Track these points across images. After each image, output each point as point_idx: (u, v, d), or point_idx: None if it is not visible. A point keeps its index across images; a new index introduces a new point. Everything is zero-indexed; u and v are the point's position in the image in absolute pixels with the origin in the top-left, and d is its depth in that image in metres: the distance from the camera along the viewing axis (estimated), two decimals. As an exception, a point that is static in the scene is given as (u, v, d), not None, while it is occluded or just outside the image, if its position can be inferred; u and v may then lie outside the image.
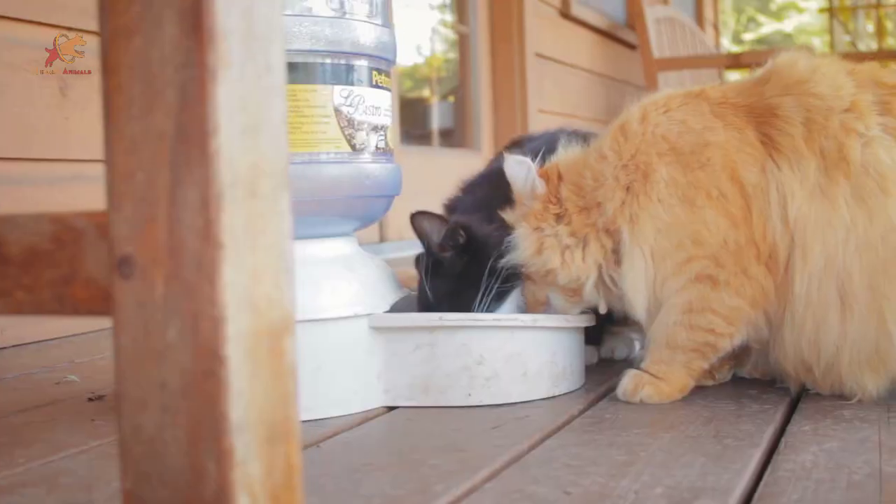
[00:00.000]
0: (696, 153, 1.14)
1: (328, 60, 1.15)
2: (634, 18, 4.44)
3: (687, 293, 1.13)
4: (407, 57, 3.78)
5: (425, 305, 1.27)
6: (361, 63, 1.19)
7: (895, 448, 0.95)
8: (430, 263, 1.26)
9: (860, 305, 1.07)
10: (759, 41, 13.05)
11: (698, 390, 1.21)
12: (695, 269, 1.13)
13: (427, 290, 1.26)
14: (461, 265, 1.25)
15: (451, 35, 3.90)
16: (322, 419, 1.15)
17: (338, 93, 1.15)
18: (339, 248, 1.21)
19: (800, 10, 12.71)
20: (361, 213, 1.23)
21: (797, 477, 0.87)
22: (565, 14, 4.14)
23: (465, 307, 1.23)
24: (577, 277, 1.18)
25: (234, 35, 0.59)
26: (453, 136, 3.86)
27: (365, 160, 1.19)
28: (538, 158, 1.25)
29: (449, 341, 1.18)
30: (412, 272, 1.46)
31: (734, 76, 5.87)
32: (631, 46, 4.85)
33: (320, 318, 1.14)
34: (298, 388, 0.65)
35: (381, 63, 1.23)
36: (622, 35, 4.80)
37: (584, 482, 0.87)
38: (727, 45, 13.14)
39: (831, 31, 8.70)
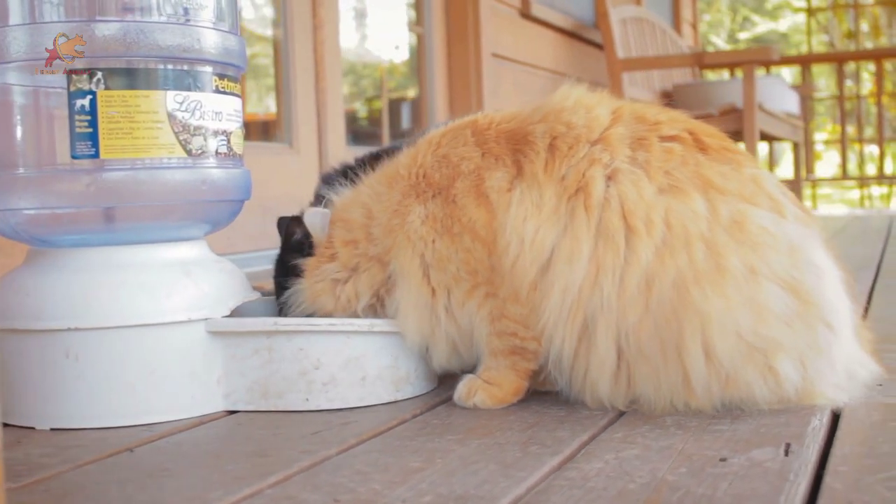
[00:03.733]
0: (450, 186, 1.15)
1: (162, 66, 1.15)
2: (599, 18, 4.43)
3: (485, 308, 1.15)
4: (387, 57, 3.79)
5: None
6: (201, 69, 1.19)
7: (692, 456, 0.94)
8: (280, 265, 1.27)
9: (657, 361, 1.06)
10: (755, 40, 13.01)
11: (537, 396, 1.20)
12: (481, 291, 1.14)
13: (277, 293, 1.27)
14: None
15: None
16: (156, 423, 1.15)
17: (172, 98, 1.15)
18: (179, 253, 1.21)
19: (794, 10, 12.67)
20: (204, 217, 1.23)
21: (572, 485, 0.87)
22: (525, 14, 4.14)
23: None
24: (348, 305, 1.20)
25: None
26: (411, 137, 3.86)
27: (203, 165, 1.19)
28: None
29: (286, 346, 1.18)
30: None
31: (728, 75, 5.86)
32: (599, 46, 4.84)
33: (153, 322, 1.14)
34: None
35: (227, 69, 1.23)
36: (589, 35, 4.79)
37: (360, 489, 0.87)
38: (722, 44, 13.11)
39: (808, 32, 8.67)
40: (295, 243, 1.25)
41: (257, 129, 3.92)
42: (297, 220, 1.25)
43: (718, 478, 0.87)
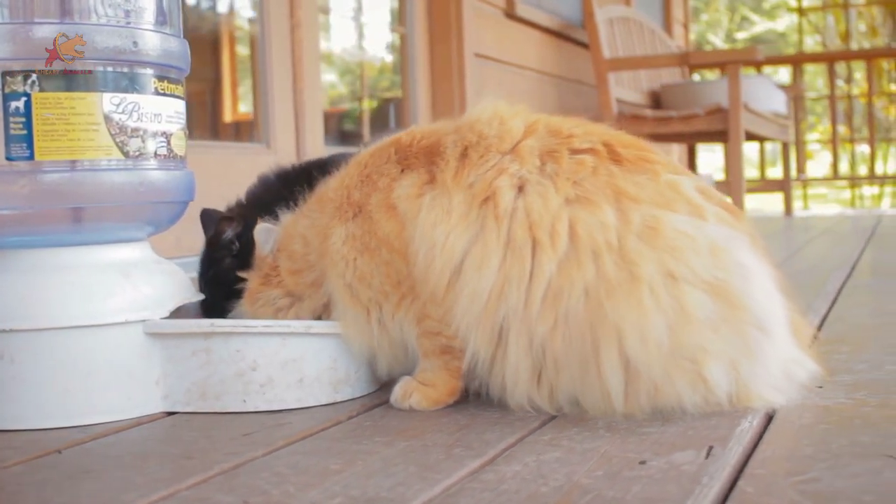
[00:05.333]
0: (366, 203, 1.17)
1: (98, 68, 1.15)
2: (586, 18, 4.43)
3: (411, 311, 1.16)
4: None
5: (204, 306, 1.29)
6: (139, 71, 1.19)
7: (612, 459, 0.94)
8: (208, 262, 1.28)
9: (577, 373, 1.06)
10: (752, 40, 13.00)
11: (476, 398, 1.20)
12: (408, 300, 1.15)
13: (202, 290, 1.28)
14: (234, 271, 1.26)
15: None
16: (92, 425, 1.15)
17: (108, 100, 1.16)
18: (118, 255, 1.21)
19: (789, 10, 12.66)
20: (144, 218, 1.23)
21: (485, 488, 0.87)
22: (510, 14, 4.14)
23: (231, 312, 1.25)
24: None
25: None
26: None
27: (141, 167, 1.19)
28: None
29: (224, 347, 1.18)
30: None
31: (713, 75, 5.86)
32: (587, 47, 4.84)
33: (89, 324, 1.15)
34: None
35: (168, 71, 1.23)
36: (577, 35, 4.79)
37: (274, 491, 0.88)
38: (719, 43, 13.10)
39: (799, 31, 8.66)
40: (225, 242, 1.25)
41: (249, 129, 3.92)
42: (227, 220, 1.26)
43: (633, 481, 0.87)
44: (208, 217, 1.32)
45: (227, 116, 3.70)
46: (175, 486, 0.90)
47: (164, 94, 1.22)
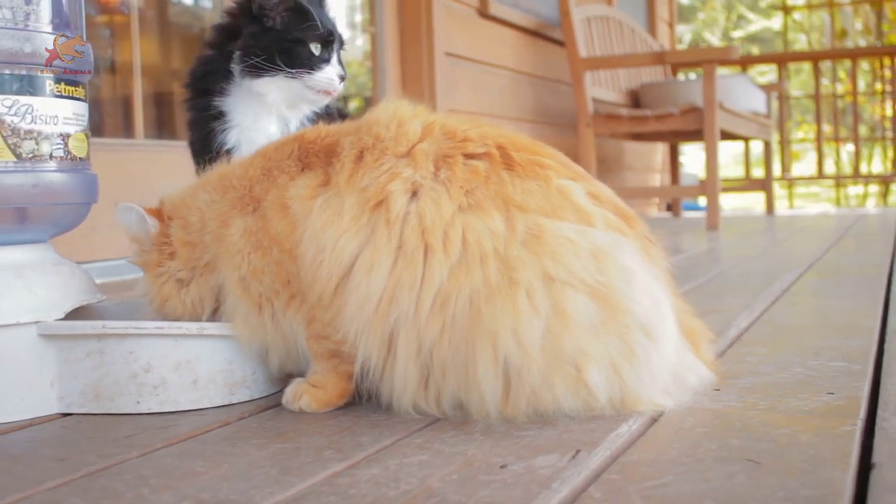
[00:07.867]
0: (264, 199, 1.17)
1: (-12, 70, 1.16)
2: (562, 17, 4.43)
3: (301, 313, 1.16)
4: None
5: None
6: (34, 73, 1.19)
7: (475, 462, 0.94)
8: None
9: (461, 377, 1.06)
10: (749, 38, 12.98)
11: (370, 398, 1.21)
12: (297, 300, 1.16)
13: None
14: None
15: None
16: (-16, 426, 1.16)
17: (-1, 102, 1.16)
18: (13, 256, 1.22)
19: (776, 9, 12.62)
20: (42, 220, 1.24)
21: (334, 492, 0.87)
22: (483, 13, 4.14)
23: None
24: (193, 310, 1.23)
25: None
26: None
27: (35, 169, 1.20)
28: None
29: (117, 349, 1.19)
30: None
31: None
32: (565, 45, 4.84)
33: (-21, 325, 1.15)
34: None
35: (65, 73, 1.23)
36: (555, 34, 4.79)
37: (128, 494, 0.88)
38: (716, 42, 13.07)
39: (785, 30, 8.63)
40: None
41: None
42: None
43: (483, 485, 0.88)
44: None
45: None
46: (34, 488, 0.91)
47: (62, 97, 1.22)
